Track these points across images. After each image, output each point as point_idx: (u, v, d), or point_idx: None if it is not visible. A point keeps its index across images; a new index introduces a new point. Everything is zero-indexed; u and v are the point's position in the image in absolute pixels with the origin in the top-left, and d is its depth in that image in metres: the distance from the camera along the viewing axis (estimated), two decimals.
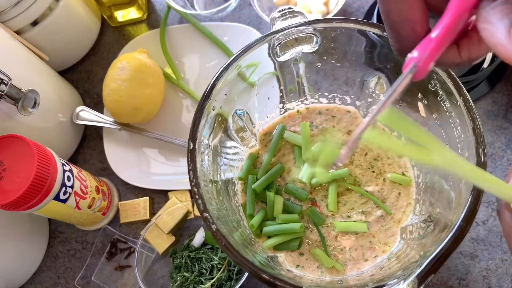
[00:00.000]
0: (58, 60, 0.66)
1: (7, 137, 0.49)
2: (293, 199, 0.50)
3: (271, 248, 0.47)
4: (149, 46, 0.66)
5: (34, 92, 0.52)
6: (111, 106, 0.60)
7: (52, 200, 0.50)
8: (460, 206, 0.36)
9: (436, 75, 0.39)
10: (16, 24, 0.57)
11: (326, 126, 0.52)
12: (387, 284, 0.35)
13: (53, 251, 0.62)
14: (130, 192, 0.63)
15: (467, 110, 0.37)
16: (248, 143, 0.52)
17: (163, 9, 0.73)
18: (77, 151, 0.66)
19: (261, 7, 0.66)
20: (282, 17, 0.44)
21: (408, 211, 0.48)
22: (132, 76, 0.59)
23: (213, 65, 0.67)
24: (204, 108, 0.42)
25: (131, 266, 0.60)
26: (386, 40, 0.41)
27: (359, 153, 0.51)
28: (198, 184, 0.39)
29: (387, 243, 0.46)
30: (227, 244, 0.37)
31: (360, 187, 0.49)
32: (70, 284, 0.60)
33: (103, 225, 0.61)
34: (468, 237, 0.55)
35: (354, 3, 0.68)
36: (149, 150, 0.64)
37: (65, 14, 0.62)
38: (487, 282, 0.53)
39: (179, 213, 0.58)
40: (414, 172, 0.49)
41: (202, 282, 0.53)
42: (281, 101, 0.53)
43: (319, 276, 0.45)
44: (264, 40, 0.43)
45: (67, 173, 0.52)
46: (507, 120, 0.59)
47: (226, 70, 0.43)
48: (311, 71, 0.50)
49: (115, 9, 0.69)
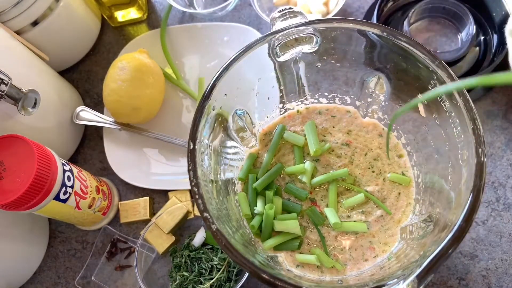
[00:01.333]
0: (58, 60, 0.66)
1: (7, 137, 0.49)
2: (293, 198, 0.50)
3: (271, 248, 0.47)
4: (149, 46, 0.66)
5: (34, 92, 0.52)
6: (111, 106, 0.60)
7: (52, 200, 0.50)
8: (460, 206, 0.36)
9: (436, 75, 0.40)
10: (16, 24, 0.57)
11: (326, 126, 0.52)
12: (387, 284, 0.35)
13: (53, 251, 0.62)
14: (130, 192, 0.63)
15: (467, 110, 0.37)
16: (248, 143, 0.52)
17: (163, 9, 0.73)
18: (77, 151, 0.66)
19: (261, 7, 0.66)
20: (282, 17, 0.44)
21: (408, 211, 0.48)
22: (132, 76, 0.59)
23: (213, 65, 0.67)
24: (204, 108, 0.42)
25: (131, 266, 0.60)
26: (386, 40, 0.42)
27: (359, 153, 0.51)
28: (198, 184, 0.39)
29: (387, 243, 0.47)
30: (227, 244, 0.37)
31: (360, 187, 0.49)
32: (70, 284, 0.60)
33: (103, 225, 0.61)
34: (468, 237, 0.55)
35: (354, 3, 0.68)
36: (149, 150, 0.64)
37: (65, 14, 0.62)
38: (487, 282, 0.53)
39: (179, 213, 0.58)
40: (414, 172, 0.49)
41: (202, 282, 0.53)
42: (281, 101, 0.53)
43: (319, 276, 0.45)
44: (264, 40, 0.43)
45: (67, 173, 0.52)
46: (507, 120, 0.59)
47: (226, 70, 0.43)
48: (311, 71, 0.50)
49: (115, 9, 0.69)
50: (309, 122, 0.51)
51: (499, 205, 0.56)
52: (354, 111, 0.52)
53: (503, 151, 0.58)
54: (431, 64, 0.40)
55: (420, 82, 0.42)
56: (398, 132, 0.50)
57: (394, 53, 0.42)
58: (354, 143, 0.51)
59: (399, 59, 0.43)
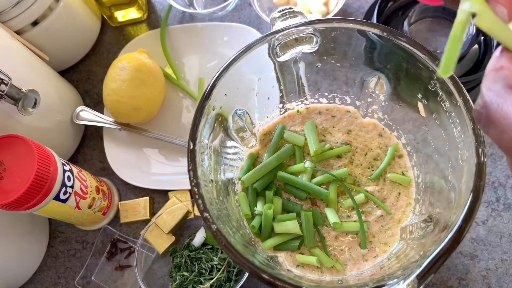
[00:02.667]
0: (58, 60, 0.66)
1: (7, 137, 0.49)
2: (293, 198, 0.50)
3: (271, 248, 0.47)
4: (149, 46, 0.66)
5: (34, 92, 0.52)
6: (111, 106, 0.60)
7: (52, 200, 0.50)
8: (460, 206, 0.36)
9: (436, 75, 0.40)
10: (16, 24, 0.57)
11: (326, 126, 0.52)
12: (387, 284, 0.35)
13: (53, 251, 0.62)
14: (130, 192, 0.63)
15: (467, 110, 0.37)
16: (248, 143, 0.52)
17: (163, 9, 0.73)
18: (77, 151, 0.66)
19: (261, 7, 0.66)
20: (282, 17, 0.44)
21: (408, 211, 0.48)
22: (132, 76, 0.59)
23: (213, 65, 0.67)
24: (204, 108, 0.42)
25: (131, 266, 0.60)
26: (386, 40, 0.42)
27: (359, 153, 0.51)
28: (198, 184, 0.39)
29: (387, 243, 0.47)
30: (227, 244, 0.37)
31: (360, 187, 0.49)
32: (70, 284, 0.60)
33: (103, 225, 0.61)
34: (468, 237, 0.55)
35: (354, 3, 0.68)
36: (149, 150, 0.64)
37: (65, 14, 0.62)
38: (487, 282, 0.53)
39: (179, 213, 0.58)
40: (414, 172, 0.49)
41: (202, 282, 0.53)
42: (281, 101, 0.53)
43: (319, 276, 0.45)
44: (264, 40, 0.43)
45: (67, 173, 0.52)
46: None
47: (226, 70, 0.43)
48: (311, 71, 0.50)
49: (115, 9, 0.69)
50: (309, 122, 0.51)
51: (499, 205, 0.56)
52: (354, 111, 0.52)
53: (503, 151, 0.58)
54: (431, 64, 0.40)
55: (420, 82, 0.42)
56: (398, 132, 0.50)
57: (394, 53, 0.42)
58: (354, 143, 0.51)
59: (399, 59, 0.43)
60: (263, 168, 0.48)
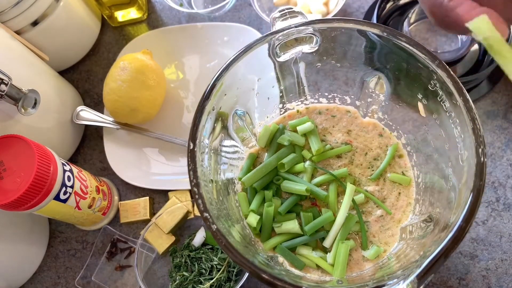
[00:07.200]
0: (58, 60, 0.66)
1: (7, 137, 0.49)
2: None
3: (271, 248, 0.47)
4: (149, 46, 0.66)
5: (34, 92, 0.52)
6: (110, 105, 0.60)
7: (52, 200, 0.50)
8: (460, 206, 0.36)
9: (436, 75, 0.40)
10: (16, 24, 0.57)
11: (326, 126, 0.52)
12: (387, 284, 0.35)
13: (53, 251, 0.62)
14: (130, 192, 0.63)
15: (467, 110, 0.37)
16: (248, 143, 0.52)
17: (163, 9, 0.73)
18: (77, 151, 0.66)
19: (261, 7, 0.66)
20: (282, 17, 0.44)
21: (408, 211, 0.48)
22: (132, 77, 0.59)
23: (213, 65, 0.67)
24: (204, 108, 0.42)
25: (131, 266, 0.60)
26: (386, 40, 0.42)
27: (359, 153, 0.51)
28: (198, 184, 0.39)
29: (387, 243, 0.47)
30: (227, 244, 0.37)
31: (360, 187, 0.49)
32: (70, 284, 0.60)
33: (103, 225, 0.61)
34: (468, 237, 0.55)
35: (354, 3, 0.68)
36: (149, 150, 0.64)
37: (65, 14, 0.62)
38: (486, 282, 0.53)
39: (179, 213, 0.58)
40: (414, 172, 0.49)
41: (201, 282, 0.53)
42: (281, 101, 0.53)
43: (319, 276, 0.45)
44: (264, 40, 0.43)
45: (67, 173, 0.52)
46: (507, 120, 0.59)
47: (226, 70, 0.43)
48: (311, 71, 0.50)
49: (115, 9, 0.69)
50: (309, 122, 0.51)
51: (499, 205, 0.56)
52: (354, 111, 0.52)
53: (503, 151, 0.58)
54: (431, 64, 0.40)
55: (420, 82, 0.42)
56: (398, 132, 0.50)
57: (394, 53, 0.42)
58: (354, 143, 0.51)
59: (399, 59, 0.43)
60: (263, 168, 0.48)
